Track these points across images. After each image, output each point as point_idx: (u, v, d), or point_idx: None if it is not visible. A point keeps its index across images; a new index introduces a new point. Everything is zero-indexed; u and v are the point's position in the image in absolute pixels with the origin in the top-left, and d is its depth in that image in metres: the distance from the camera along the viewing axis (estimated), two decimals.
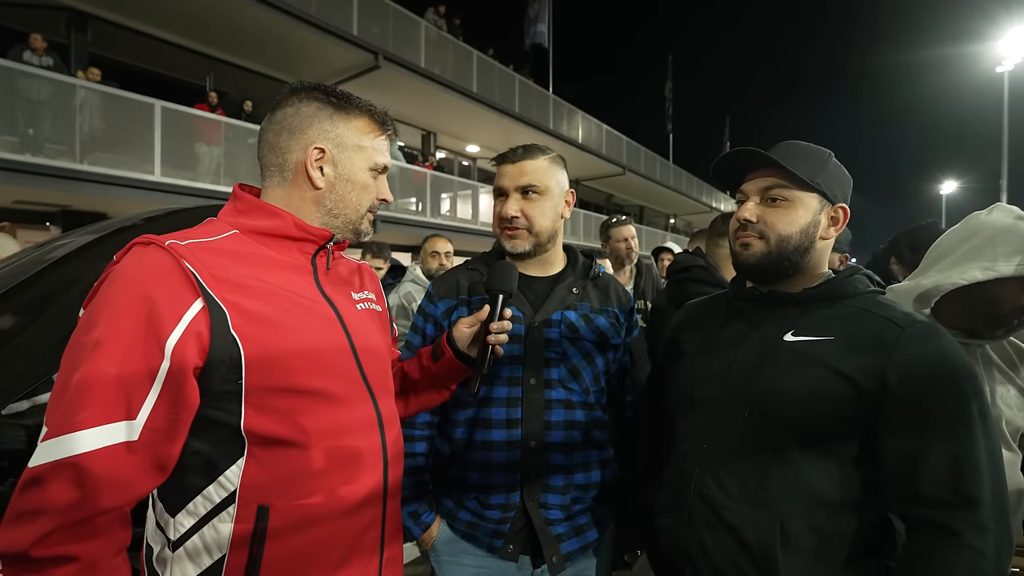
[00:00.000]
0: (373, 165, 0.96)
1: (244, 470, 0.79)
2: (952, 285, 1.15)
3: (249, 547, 0.78)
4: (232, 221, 0.90)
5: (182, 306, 0.74)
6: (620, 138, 19.30)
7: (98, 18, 8.65)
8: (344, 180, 0.93)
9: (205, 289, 0.76)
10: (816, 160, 1.02)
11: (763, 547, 0.92)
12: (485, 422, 1.22)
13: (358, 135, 0.94)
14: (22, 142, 6.45)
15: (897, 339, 0.89)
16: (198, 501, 0.79)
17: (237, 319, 0.78)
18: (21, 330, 1.14)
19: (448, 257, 3.52)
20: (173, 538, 0.80)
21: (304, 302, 0.88)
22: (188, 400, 0.75)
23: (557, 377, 1.23)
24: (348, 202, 0.94)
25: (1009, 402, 1.27)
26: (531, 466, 1.20)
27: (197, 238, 0.82)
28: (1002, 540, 0.81)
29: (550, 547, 1.19)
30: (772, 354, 0.99)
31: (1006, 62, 14.81)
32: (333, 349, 0.89)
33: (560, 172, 1.29)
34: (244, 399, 0.78)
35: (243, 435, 0.79)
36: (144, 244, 0.79)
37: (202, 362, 0.75)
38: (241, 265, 0.83)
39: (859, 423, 0.90)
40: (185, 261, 0.76)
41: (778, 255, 1.01)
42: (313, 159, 0.90)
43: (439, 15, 12.39)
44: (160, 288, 0.74)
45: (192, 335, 0.74)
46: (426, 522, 1.25)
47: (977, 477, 0.82)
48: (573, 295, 1.28)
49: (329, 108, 0.92)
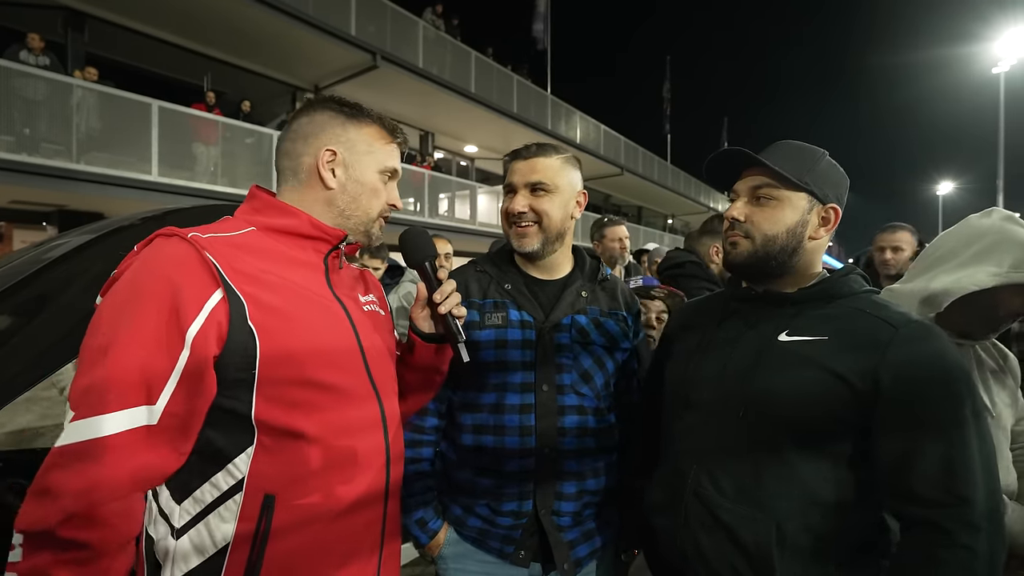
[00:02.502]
0: (383, 168, 1.00)
1: (253, 460, 0.80)
2: (963, 290, 1.16)
3: (253, 538, 0.79)
4: (249, 219, 0.93)
5: (203, 296, 0.77)
6: (618, 138, 19.31)
7: (95, 17, 8.63)
8: (355, 181, 0.97)
9: (225, 280, 0.79)
10: (807, 160, 1.02)
11: (759, 547, 0.92)
12: (497, 428, 1.19)
13: (369, 140, 0.98)
14: (19, 142, 6.44)
15: (891, 339, 0.89)
16: (205, 489, 0.80)
17: (254, 310, 0.80)
18: (18, 330, 1.14)
19: (448, 258, 3.50)
20: (177, 526, 0.80)
21: (317, 299, 0.91)
22: (206, 389, 0.77)
23: (569, 382, 1.21)
24: (359, 203, 0.98)
25: (1000, 401, 1.28)
26: (544, 473, 1.18)
27: (217, 232, 0.86)
28: (995, 539, 0.81)
29: (562, 554, 1.17)
30: (767, 354, 0.99)
31: (1002, 63, 14.86)
32: (343, 345, 0.91)
33: (573, 172, 1.27)
34: (256, 389, 0.80)
35: (253, 425, 0.80)
36: (167, 236, 0.81)
37: (219, 351, 0.78)
38: (258, 259, 0.86)
39: (854, 423, 0.91)
40: (207, 252, 0.79)
41: (764, 254, 1.01)
42: (325, 160, 0.94)
43: (437, 15, 12.38)
44: (183, 277, 0.77)
45: (212, 325, 0.76)
46: (433, 529, 1.22)
47: (970, 477, 0.82)
48: (583, 299, 1.27)
49: (342, 116, 0.97)
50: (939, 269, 1.25)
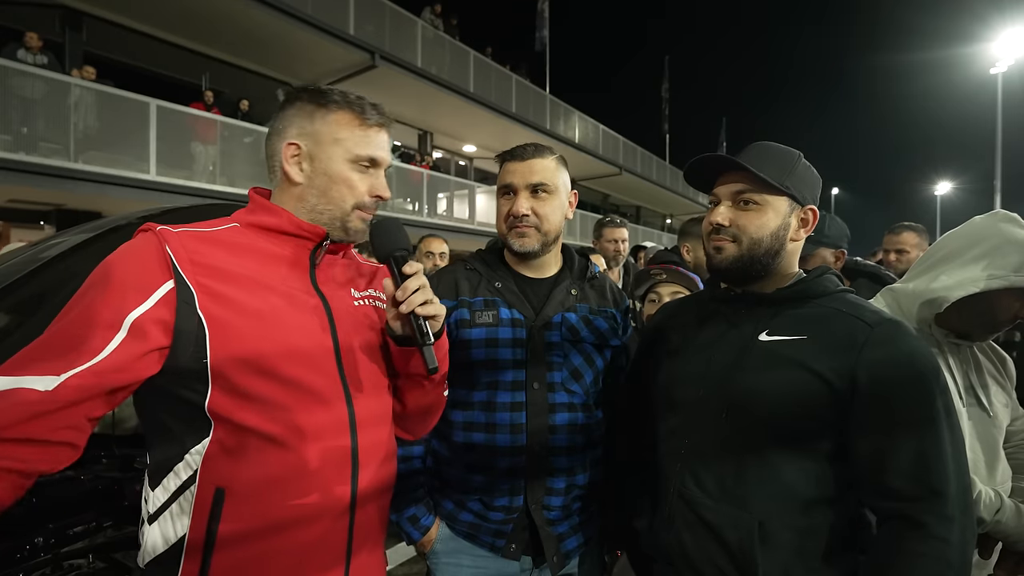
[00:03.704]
0: (353, 157, 0.93)
1: (206, 452, 0.81)
2: (963, 293, 1.16)
3: (206, 528, 0.80)
4: (237, 217, 0.96)
5: (152, 285, 0.79)
6: (616, 138, 19.32)
7: (93, 16, 8.62)
8: (322, 175, 0.93)
9: (178, 271, 0.81)
10: (785, 163, 1.03)
11: (742, 545, 0.94)
12: (489, 426, 1.20)
13: (335, 128, 0.93)
14: (16, 141, 6.43)
15: (867, 339, 0.91)
16: (170, 477, 0.82)
17: (205, 300, 0.81)
18: (15, 328, 1.14)
19: (443, 258, 3.52)
20: (151, 511, 0.84)
21: (291, 293, 0.90)
22: (134, 372, 0.77)
23: (560, 380, 1.22)
24: (329, 197, 0.93)
25: (998, 401, 1.29)
26: (535, 470, 1.20)
27: (195, 228, 0.88)
28: (966, 529, 0.85)
29: (551, 547, 1.19)
30: (748, 354, 1.00)
31: (1000, 64, 14.88)
32: (311, 342, 0.89)
33: (565, 173, 1.29)
34: (211, 380, 0.80)
35: (208, 416, 0.80)
36: (144, 230, 0.86)
37: (168, 340, 0.79)
38: (227, 253, 0.87)
39: (832, 421, 0.93)
40: (166, 245, 0.82)
41: (750, 258, 1.02)
42: (289, 155, 0.93)
43: (436, 15, 12.38)
44: (134, 267, 0.80)
45: (158, 312, 0.78)
46: (425, 526, 1.23)
47: (943, 471, 0.85)
48: (572, 296, 1.28)
49: (309, 106, 0.94)
50: (941, 270, 1.26)
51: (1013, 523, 1.16)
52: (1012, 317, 1.20)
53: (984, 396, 1.26)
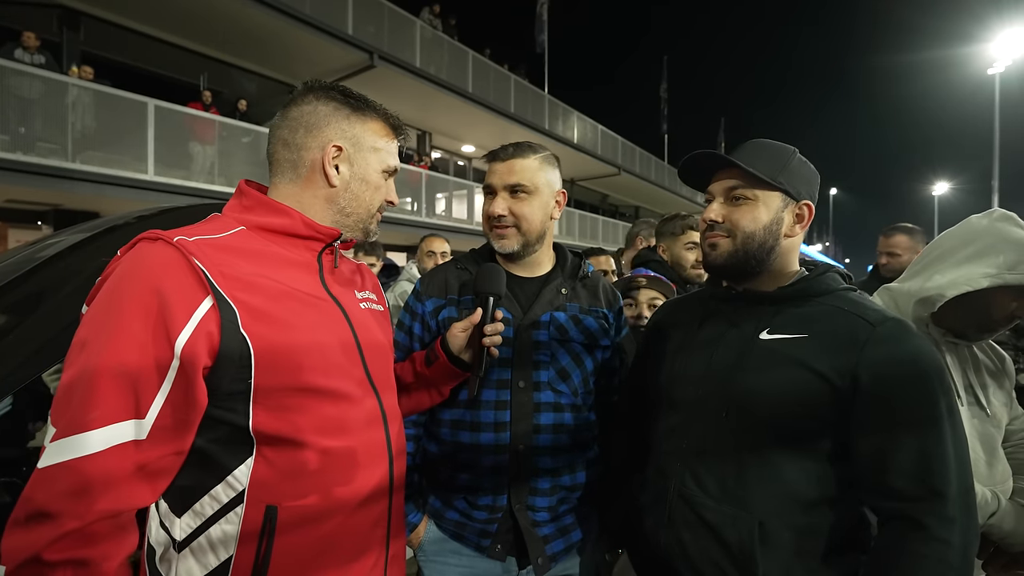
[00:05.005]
0: (386, 167, 0.98)
1: (253, 470, 0.78)
2: (957, 291, 1.16)
3: (257, 547, 0.77)
4: (238, 217, 0.89)
5: (192, 304, 0.73)
6: (615, 138, 19.32)
7: (91, 16, 8.60)
8: (359, 179, 0.94)
9: (215, 286, 0.75)
10: (779, 158, 1.03)
11: (742, 545, 0.94)
12: (474, 424, 1.20)
13: (374, 137, 0.95)
14: (13, 140, 6.41)
15: (868, 337, 0.91)
16: (205, 501, 0.78)
17: (247, 317, 0.77)
18: (12, 328, 1.13)
19: (444, 257, 3.52)
20: (179, 538, 0.79)
21: (311, 300, 0.88)
22: (197, 400, 0.74)
23: (546, 380, 1.22)
24: (361, 201, 0.96)
25: (997, 400, 1.29)
26: (519, 469, 1.19)
27: (204, 234, 0.81)
28: (968, 530, 0.84)
29: (536, 549, 1.19)
30: (749, 353, 1.00)
31: (997, 64, 14.91)
32: (339, 346, 0.88)
33: (551, 171, 1.27)
34: (252, 399, 0.77)
35: (251, 435, 0.78)
36: (151, 240, 0.77)
37: (212, 361, 0.74)
38: (249, 262, 0.82)
39: (833, 420, 0.92)
40: (194, 258, 0.75)
41: (744, 252, 1.02)
42: (331, 156, 0.91)
43: (434, 15, 12.36)
44: (170, 285, 0.72)
45: (202, 334, 0.73)
46: (413, 522, 1.24)
47: (945, 472, 0.84)
48: (562, 296, 1.27)
49: (347, 108, 0.93)
50: (936, 268, 1.26)
51: (1010, 524, 1.16)
52: (1008, 316, 1.20)
53: (983, 395, 1.26)
